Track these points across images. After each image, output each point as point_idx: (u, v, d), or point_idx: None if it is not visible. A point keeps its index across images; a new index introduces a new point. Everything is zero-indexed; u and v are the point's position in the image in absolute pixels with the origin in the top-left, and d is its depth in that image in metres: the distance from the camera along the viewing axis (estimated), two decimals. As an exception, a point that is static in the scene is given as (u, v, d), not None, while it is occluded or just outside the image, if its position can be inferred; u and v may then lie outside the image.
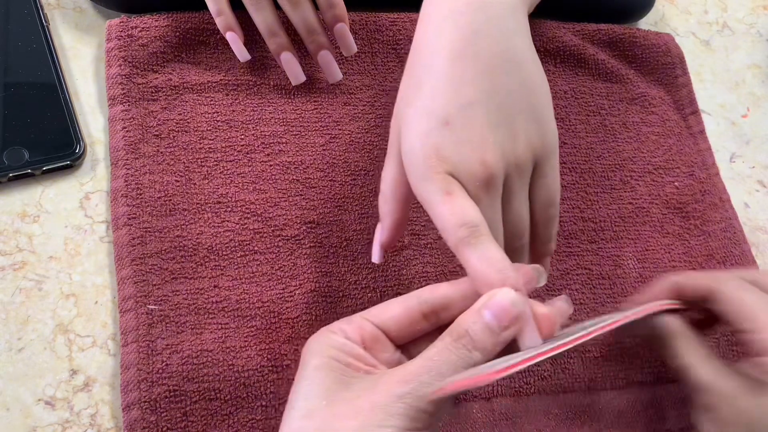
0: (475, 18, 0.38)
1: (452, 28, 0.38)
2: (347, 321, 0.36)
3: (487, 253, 0.35)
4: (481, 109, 0.37)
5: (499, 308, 0.33)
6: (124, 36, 0.51)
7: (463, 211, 0.36)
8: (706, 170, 0.59)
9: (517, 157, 0.38)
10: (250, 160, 0.50)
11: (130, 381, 0.42)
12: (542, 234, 0.41)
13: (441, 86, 0.38)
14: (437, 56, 0.38)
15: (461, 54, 0.38)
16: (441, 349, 0.33)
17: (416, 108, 0.38)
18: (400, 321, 0.36)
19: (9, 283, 0.44)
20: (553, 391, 0.48)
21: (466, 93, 0.37)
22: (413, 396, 0.31)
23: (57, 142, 0.48)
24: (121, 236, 0.46)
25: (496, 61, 0.38)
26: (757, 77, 0.66)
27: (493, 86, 0.38)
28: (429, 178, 0.37)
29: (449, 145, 0.37)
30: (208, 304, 0.45)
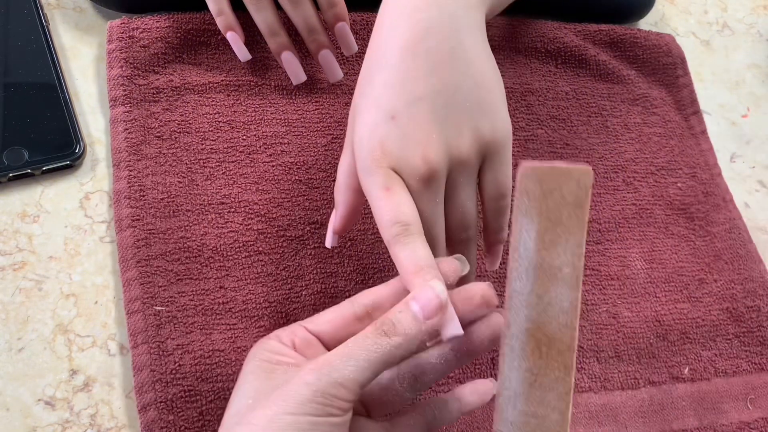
0: (428, 15, 0.39)
1: (406, 23, 0.39)
2: (283, 329, 0.37)
3: (414, 252, 0.36)
4: (427, 105, 0.38)
5: (425, 299, 0.34)
6: (125, 37, 0.51)
7: (398, 208, 0.37)
8: (709, 171, 0.59)
9: (461, 153, 0.38)
10: (252, 160, 0.50)
11: (144, 382, 0.41)
12: (493, 224, 0.42)
13: (390, 81, 0.38)
14: (390, 51, 0.39)
15: (412, 50, 0.39)
16: (358, 336, 0.33)
17: (366, 100, 0.39)
18: (333, 324, 0.36)
19: (9, 283, 0.44)
20: (568, 390, 0.48)
21: (414, 89, 0.38)
22: (323, 382, 0.31)
23: (57, 142, 0.48)
24: (125, 238, 0.45)
25: (445, 58, 0.39)
26: (757, 77, 0.66)
27: (441, 82, 0.38)
28: (372, 172, 0.38)
29: (393, 139, 0.38)
30: (215, 305, 0.45)
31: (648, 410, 0.48)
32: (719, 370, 0.51)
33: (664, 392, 0.49)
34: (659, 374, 0.50)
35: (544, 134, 0.56)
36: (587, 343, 0.49)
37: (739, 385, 0.51)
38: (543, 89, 0.58)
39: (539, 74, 0.59)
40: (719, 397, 0.50)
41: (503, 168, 0.40)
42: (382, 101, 0.38)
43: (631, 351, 0.50)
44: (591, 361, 0.49)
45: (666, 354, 0.50)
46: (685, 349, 0.51)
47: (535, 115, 0.57)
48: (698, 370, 0.51)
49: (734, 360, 0.52)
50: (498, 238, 0.43)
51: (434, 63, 0.38)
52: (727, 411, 0.50)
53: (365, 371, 0.32)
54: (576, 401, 0.47)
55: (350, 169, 0.40)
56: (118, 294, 0.45)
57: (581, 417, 0.47)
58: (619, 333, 0.50)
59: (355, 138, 0.39)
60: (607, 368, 0.49)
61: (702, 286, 0.54)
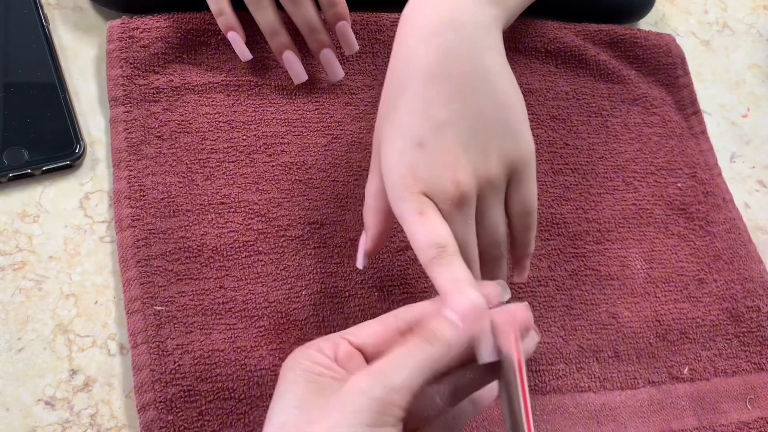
0: (447, 38, 0.39)
1: (426, 48, 0.39)
2: (324, 339, 0.37)
3: (453, 273, 0.36)
4: (452, 130, 0.38)
5: (459, 306, 0.34)
6: (125, 37, 0.51)
7: (434, 231, 0.37)
8: (709, 171, 0.59)
9: (489, 175, 0.39)
10: (252, 160, 0.50)
11: (143, 382, 0.41)
12: (521, 240, 0.43)
13: (414, 107, 0.39)
14: (411, 76, 0.39)
15: (434, 74, 0.39)
16: (406, 345, 0.33)
17: (392, 127, 0.40)
18: (377, 338, 0.36)
19: (9, 283, 0.44)
20: (569, 391, 0.48)
21: (438, 114, 0.38)
22: (377, 390, 0.31)
23: (57, 142, 0.48)
24: (125, 238, 0.45)
25: (467, 81, 0.39)
26: (757, 77, 0.66)
27: (465, 107, 0.39)
28: (404, 198, 0.38)
29: (423, 166, 0.38)
30: (215, 305, 0.45)
31: (647, 410, 0.48)
32: (719, 370, 0.51)
33: (664, 392, 0.49)
34: (659, 374, 0.50)
35: (544, 134, 0.56)
36: (587, 343, 0.49)
37: (738, 385, 0.51)
38: (543, 89, 0.58)
39: (539, 74, 0.59)
40: (719, 396, 0.50)
41: (529, 185, 0.41)
42: (408, 129, 0.39)
43: (630, 351, 0.50)
44: (591, 361, 0.49)
45: (666, 354, 0.50)
46: (685, 349, 0.51)
47: (535, 115, 0.57)
48: (698, 370, 0.51)
49: (734, 360, 0.52)
50: (526, 252, 0.44)
51: (456, 87, 0.39)
52: (727, 411, 0.50)
53: (416, 378, 0.32)
54: (576, 401, 0.47)
55: (379, 192, 0.41)
56: (118, 294, 0.45)
57: (581, 417, 0.47)
58: (618, 333, 0.50)
59: (383, 166, 0.40)
60: (607, 368, 0.49)
61: (702, 286, 0.54)
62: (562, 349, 0.49)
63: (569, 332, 0.49)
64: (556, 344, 0.49)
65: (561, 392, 0.47)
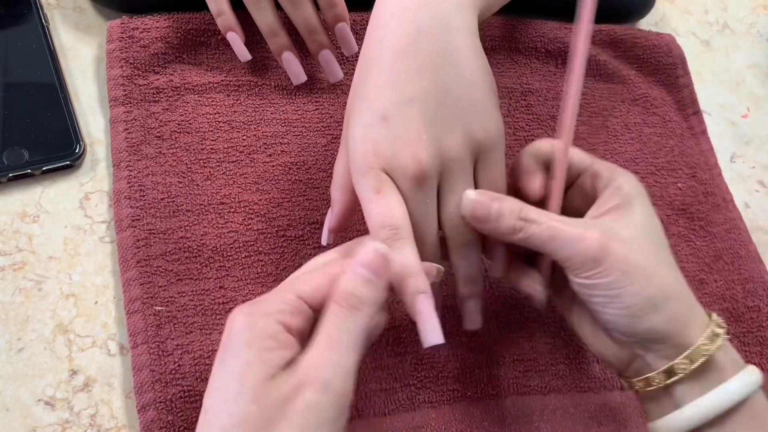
0: (419, 15, 0.39)
1: (397, 23, 0.39)
2: (284, 301, 0.34)
3: (403, 256, 0.37)
4: (417, 106, 0.38)
5: (368, 260, 0.34)
6: (125, 37, 0.51)
7: (388, 212, 0.37)
8: (709, 171, 0.59)
9: (452, 153, 0.38)
10: (252, 160, 0.50)
11: (143, 382, 0.41)
12: None
13: (382, 82, 0.39)
14: (381, 51, 0.39)
15: (403, 50, 0.39)
16: (336, 324, 0.33)
17: (360, 102, 0.40)
18: (322, 292, 0.36)
19: (9, 283, 0.44)
20: (569, 391, 0.48)
21: (405, 90, 0.38)
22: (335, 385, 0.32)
23: (57, 142, 0.48)
24: (125, 238, 0.45)
25: (436, 59, 0.39)
26: (758, 77, 0.66)
27: (432, 83, 0.38)
28: (363, 174, 0.38)
29: (385, 141, 0.38)
30: (215, 305, 0.45)
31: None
32: (719, 370, 0.51)
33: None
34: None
35: (544, 134, 0.56)
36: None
37: (738, 385, 0.51)
38: (543, 89, 0.58)
39: (539, 74, 0.59)
40: (719, 397, 0.50)
41: (497, 168, 0.40)
42: (374, 102, 0.39)
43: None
44: (591, 361, 0.49)
45: None
46: (685, 349, 0.51)
47: (535, 115, 0.57)
48: (698, 370, 0.51)
49: None
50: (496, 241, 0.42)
51: (425, 63, 0.39)
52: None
53: (360, 347, 0.33)
54: (576, 401, 0.47)
55: (346, 168, 0.41)
56: (118, 294, 0.45)
57: (581, 417, 0.47)
58: (618, 333, 0.50)
59: (349, 139, 0.39)
60: (607, 368, 0.49)
61: (702, 286, 0.54)
62: (562, 349, 0.49)
63: (569, 332, 0.49)
64: (556, 344, 0.49)
65: (561, 392, 0.47)
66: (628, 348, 0.38)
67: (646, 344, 0.37)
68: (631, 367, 0.39)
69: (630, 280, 0.36)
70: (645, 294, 0.36)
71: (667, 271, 0.38)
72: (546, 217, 0.38)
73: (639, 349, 0.38)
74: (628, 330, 0.37)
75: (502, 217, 0.38)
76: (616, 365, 0.40)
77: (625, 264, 0.36)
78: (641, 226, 0.38)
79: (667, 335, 0.37)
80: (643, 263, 0.37)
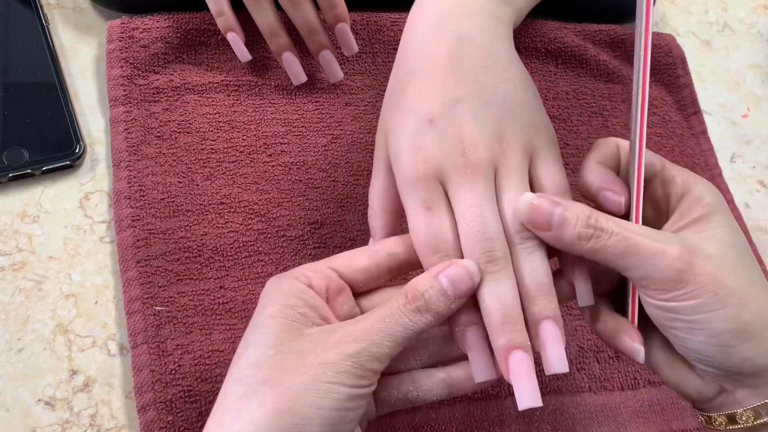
0: (460, 25, 0.38)
1: (437, 35, 0.38)
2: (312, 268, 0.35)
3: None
4: (465, 106, 0.36)
5: (457, 276, 0.33)
6: (125, 37, 0.51)
7: (438, 234, 0.35)
8: (709, 171, 0.59)
9: (504, 151, 0.36)
10: (252, 160, 0.50)
11: (143, 382, 0.41)
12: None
13: (425, 87, 0.37)
14: (422, 61, 0.38)
15: (447, 57, 0.37)
16: (394, 310, 0.33)
17: (401, 110, 0.38)
18: (368, 275, 0.36)
19: (9, 283, 0.44)
20: (569, 391, 0.47)
21: (451, 92, 0.37)
22: (363, 356, 0.31)
23: (57, 142, 0.48)
24: (125, 238, 0.45)
25: (480, 63, 0.37)
26: (758, 77, 0.66)
27: (479, 84, 0.37)
28: (413, 185, 0.36)
29: (433, 143, 0.36)
30: (215, 305, 0.45)
31: (648, 410, 0.48)
32: (719, 370, 0.51)
33: (664, 392, 0.49)
34: (659, 374, 0.50)
35: None
36: (587, 344, 0.49)
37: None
38: (543, 89, 0.58)
39: (539, 74, 0.59)
40: (719, 397, 0.50)
41: (555, 167, 0.37)
42: (418, 108, 0.37)
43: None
44: (591, 361, 0.49)
45: None
46: (685, 350, 0.51)
47: (535, 115, 0.57)
48: (698, 371, 0.51)
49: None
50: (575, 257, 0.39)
51: (470, 67, 0.37)
52: (727, 411, 0.50)
53: (399, 347, 0.33)
54: (576, 401, 0.47)
55: (384, 192, 0.39)
56: (118, 294, 0.45)
57: (581, 417, 0.47)
58: (619, 333, 0.50)
59: (392, 150, 0.37)
60: (607, 368, 0.49)
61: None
62: (562, 349, 0.49)
63: (569, 332, 0.49)
64: (556, 344, 0.49)
65: (561, 393, 0.47)
66: (714, 381, 0.34)
67: (738, 378, 0.33)
68: (714, 401, 0.34)
69: (722, 302, 0.31)
70: (740, 319, 0.31)
71: (763, 292, 0.33)
72: (620, 226, 0.33)
73: (728, 383, 0.33)
74: (718, 362, 0.32)
75: (567, 223, 0.33)
76: (697, 399, 0.35)
77: (715, 284, 0.31)
78: (729, 242, 0.33)
79: (765, 369, 0.32)
80: (736, 284, 0.32)
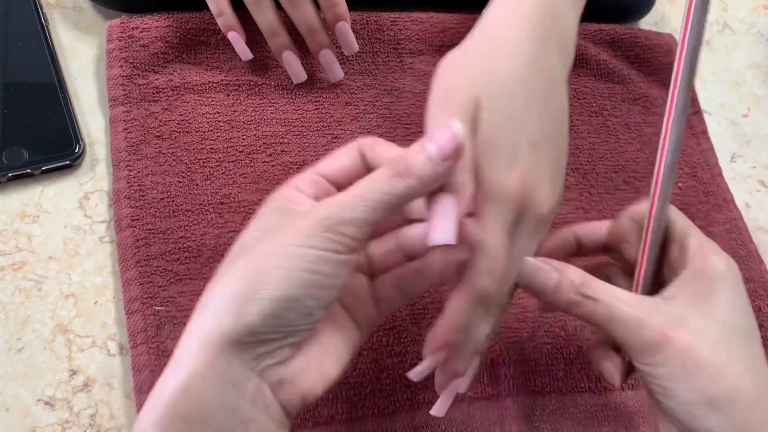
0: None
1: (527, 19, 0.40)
2: (299, 177, 0.35)
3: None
4: (552, 146, 0.38)
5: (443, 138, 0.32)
6: (124, 37, 0.51)
7: (504, 263, 0.35)
8: (709, 170, 0.59)
9: (541, 204, 0.37)
10: (251, 160, 0.50)
11: (143, 382, 0.41)
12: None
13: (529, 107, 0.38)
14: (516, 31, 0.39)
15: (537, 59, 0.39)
16: (373, 177, 0.32)
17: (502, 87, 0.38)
18: (348, 171, 0.35)
19: (8, 283, 0.44)
20: (569, 391, 0.47)
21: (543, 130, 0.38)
22: (334, 219, 0.31)
23: (56, 142, 0.47)
24: (125, 238, 0.45)
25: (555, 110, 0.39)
26: (758, 77, 0.66)
27: (558, 133, 0.39)
28: (503, 201, 0.35)
29: (534, 171, 0.36)
30: None
31: (648, 410, 0.48)
32: (719, 370, 0.51)
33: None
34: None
35: None
36: (587, 344, 0.49)
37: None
38: (543, 89, 0.58)
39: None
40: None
41: (536, 237, 0.38)
42: (525, 128, 0.37)
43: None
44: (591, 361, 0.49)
45: None
46: (686, 350, 0.51)
47: (536, 114, 0.57)
48: (698, 371, 0.51)
49: None
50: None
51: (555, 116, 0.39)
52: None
53: (376, 212, 0.31)
54: (576, 401, 0.47)
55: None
56: (117, 294, 0.45)
57: (581, 417, 0.47)
58: (619, 333, 0.50)
59: (486, 132, 0.36)
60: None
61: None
62: (562, 349, 0.49)
63: (569, 332, 0.49)
64: (556, 344, 0.49)
65: (561, 392, 0.47)
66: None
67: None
68: None
69: (689, 375, 0.33)
70: (705, 393, 0.33)
71: (743, 370, 0.33)
72: (608, 293, 0.35)
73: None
74: (686, 428, 0.34)
75: (559, 289, 0.36)
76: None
77: (687, 357, 0.33)
78: (721, 317, 0.34)
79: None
80: (712, 359, 0.33)
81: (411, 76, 0.55)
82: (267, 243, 0.31)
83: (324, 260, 0.30)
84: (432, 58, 0.57)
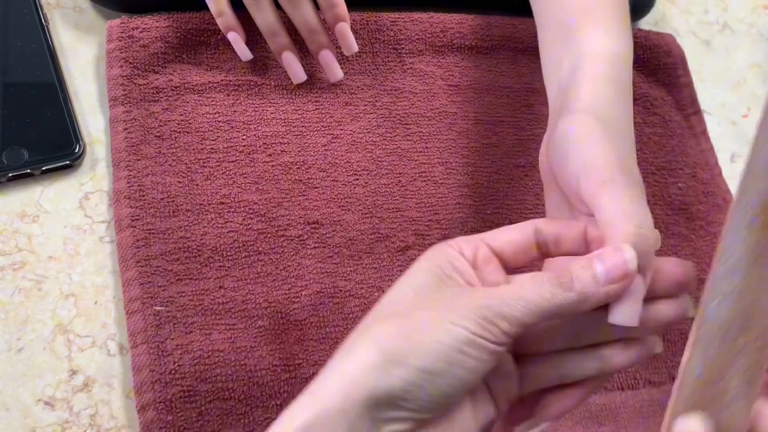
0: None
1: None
2: (466, 240, 0.35)
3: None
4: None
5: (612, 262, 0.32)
6: (124, 37, 0.51)
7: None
8: (709, 170, 0.59)
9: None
10: (251, 160, 0.50)
11: (143, 382, 0.41)
12: None
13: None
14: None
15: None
16: (537, 280, 0.32)
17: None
18: (515, 246, 0.35)
19: (9, 283, 0.44)
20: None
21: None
22: (491, 310, 0.31)
23: (56, 142, 0.48)
24: (125, 238, 0.45)
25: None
26: (758, 77, 0.66)
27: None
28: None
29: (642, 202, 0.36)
30: (214, 305, 0.45)
31: (648, 410, 0.48)
32: (719, 370, 0.51)
33: (664, 392, 0.49)
34: (659, 374, 0.50)
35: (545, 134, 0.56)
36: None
37: (739, 386, 0.51)
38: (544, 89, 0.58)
39: (540, 74, 0.59)
40: (719, 397, 0.50)
41: None
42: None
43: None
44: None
45: (666, 354, 0.50)
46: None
47: (536, 114, 0.57)
48: (698, 371, 0.51)
49: None
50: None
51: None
52: (727, 411, 0.50)
53: (532, 316, 0.31)
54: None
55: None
56: (117, 294, 0.45)
57: (581, 417, 0.47)
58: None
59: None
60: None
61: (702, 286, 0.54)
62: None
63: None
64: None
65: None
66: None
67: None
68: None
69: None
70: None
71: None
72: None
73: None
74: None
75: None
76: None
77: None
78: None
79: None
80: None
81: (411, 76, 0.56)
82: (424, 312, 0.31)
83: (474, 344, 0.31)
84: (432, 58, 0.57)
